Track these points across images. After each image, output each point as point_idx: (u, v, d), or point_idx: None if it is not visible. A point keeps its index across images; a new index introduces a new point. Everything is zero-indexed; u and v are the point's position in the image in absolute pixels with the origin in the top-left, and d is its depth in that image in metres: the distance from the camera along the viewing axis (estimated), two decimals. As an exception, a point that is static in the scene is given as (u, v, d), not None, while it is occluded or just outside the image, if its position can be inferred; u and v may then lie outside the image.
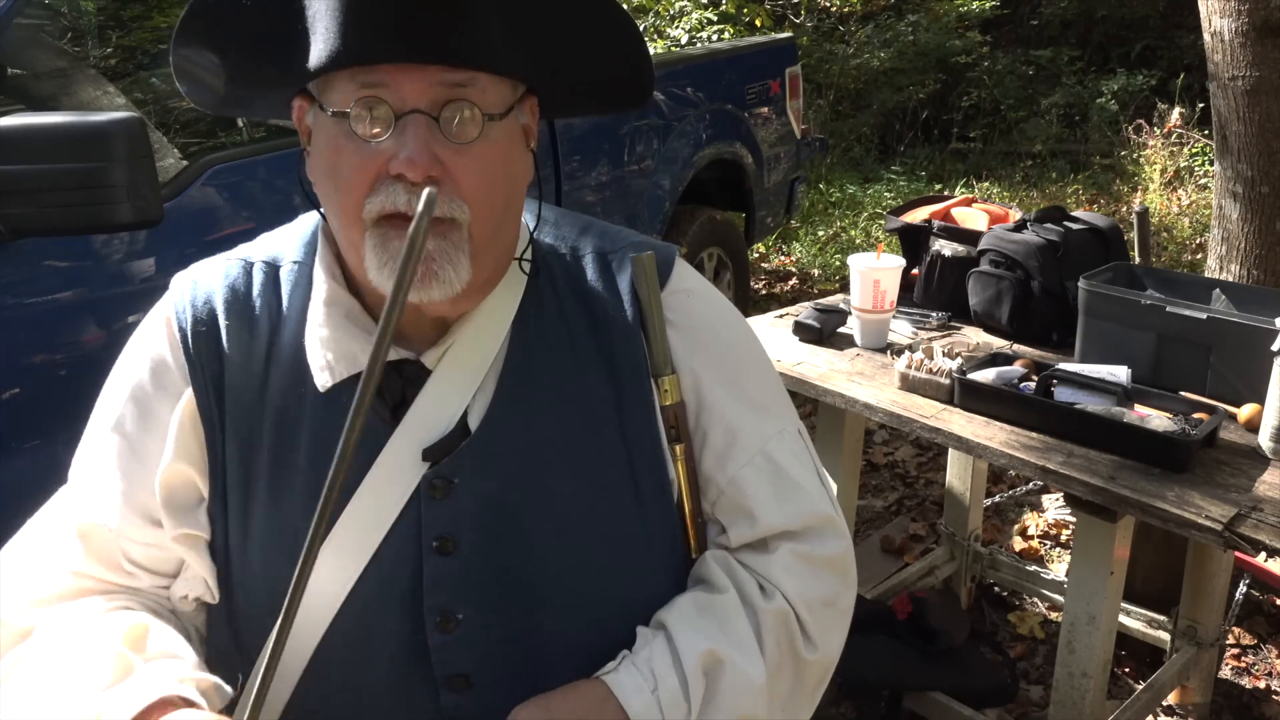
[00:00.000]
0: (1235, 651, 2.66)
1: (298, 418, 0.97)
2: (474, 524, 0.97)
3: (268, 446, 0.97)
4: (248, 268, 1.03)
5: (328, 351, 0.97)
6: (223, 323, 1.00)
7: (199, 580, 1.00)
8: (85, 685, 0.87)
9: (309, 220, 1.07)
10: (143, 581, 1.00)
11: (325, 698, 0.97)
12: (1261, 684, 2.56)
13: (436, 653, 0.95)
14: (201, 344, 0.99)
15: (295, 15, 0.87)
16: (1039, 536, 3.28)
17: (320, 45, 0.85)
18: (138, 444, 0.99)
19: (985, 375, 1.99)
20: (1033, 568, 2.79)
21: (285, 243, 1.06)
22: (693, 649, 0.95)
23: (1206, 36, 2.65)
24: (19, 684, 0.90)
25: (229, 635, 1.00)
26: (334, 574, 0.96)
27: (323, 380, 0.96)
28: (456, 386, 0.98)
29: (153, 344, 1.01)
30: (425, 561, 0.96)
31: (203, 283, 1.03)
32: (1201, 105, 6.74)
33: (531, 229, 1.06)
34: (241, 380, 0.98)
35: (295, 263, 1.03)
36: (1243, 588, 2.58)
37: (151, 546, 0.99)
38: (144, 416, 0.99)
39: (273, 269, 1.03)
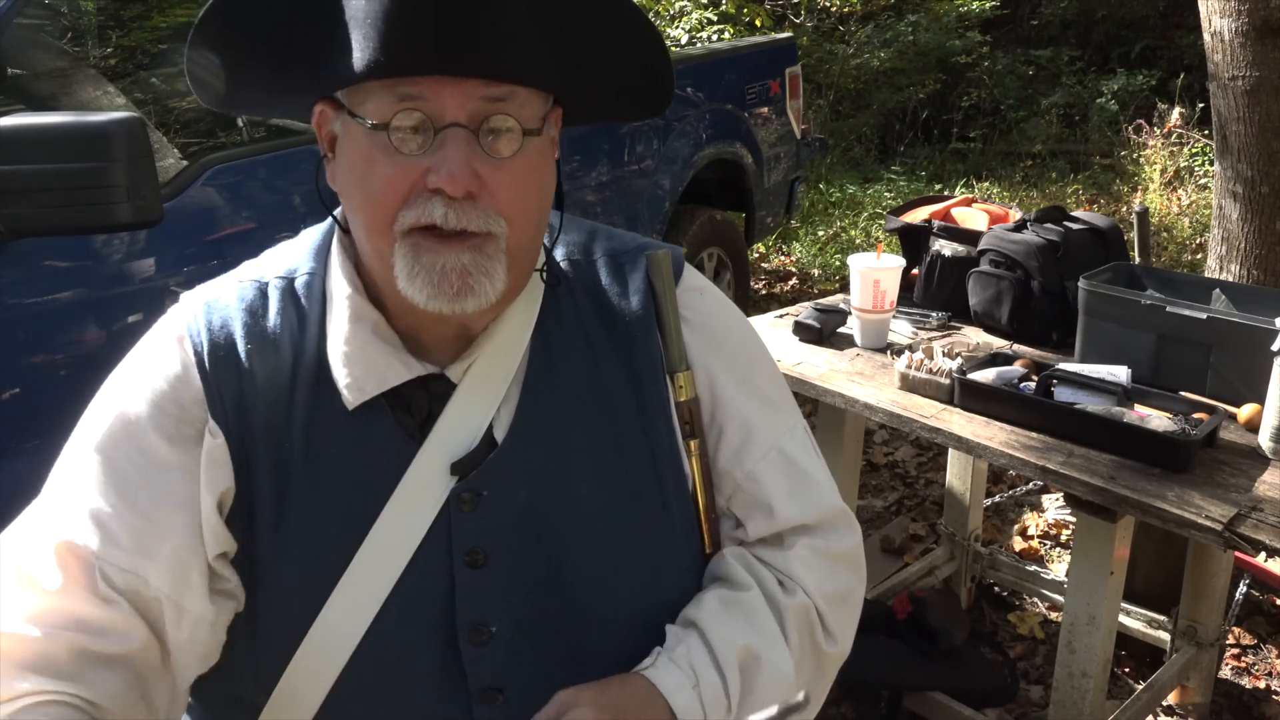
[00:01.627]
0: (1235, 651, 2.66)
1: (327, 434, 0.95)
2: (504, 535, 0.96)
3: (299, 466, 0.95)
4: (261, 288, 0.99)
5: (355, 368, 0.94)
6: (243, 348, 0.96)
7: (204, 620, 0.92)
8: None
9: (314, 232, 1.05)
10: (119, 613, 0.88)
11: (356, 715, 0.96)
12: (1261, 684, 2.56)
13: (471, 667, 0.94)
14: (220, 371, 0.95)
15: (330, 20, 0.85)
16: (1039, 536, 3.28)
17: (360, 54, 0.84)
18: (134, 469, 0.91)
19: (985, 375, 1.99)
20: (1033, 568, 2.79)
21: (295, 255, 1.03)
22: (729, 646, 0.96)
23: (1206, 36, 2.65)
24: None
25: (247, 653, 0.97)
26: (364, 591, 0.94)
27: (351, 398, 0.95)
28: (482, 399, 0.97)
29: (163, 365, 0.95)
30: (457, 575, 0.96)
31: (217, 307, 0.97)
32: (1201, 105, 6.74)
33: (547, 241, 1.05)
34: (268, 402, 0.95)
35: (308, 274, 1.00)
36: (1243, 588, 2.58)
37: (129, 573, 0.89)
38: (145, 444, 0.92)
39: (288, 284, 1.00)
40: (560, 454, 0.98)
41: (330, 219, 1.02)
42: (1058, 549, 3.22)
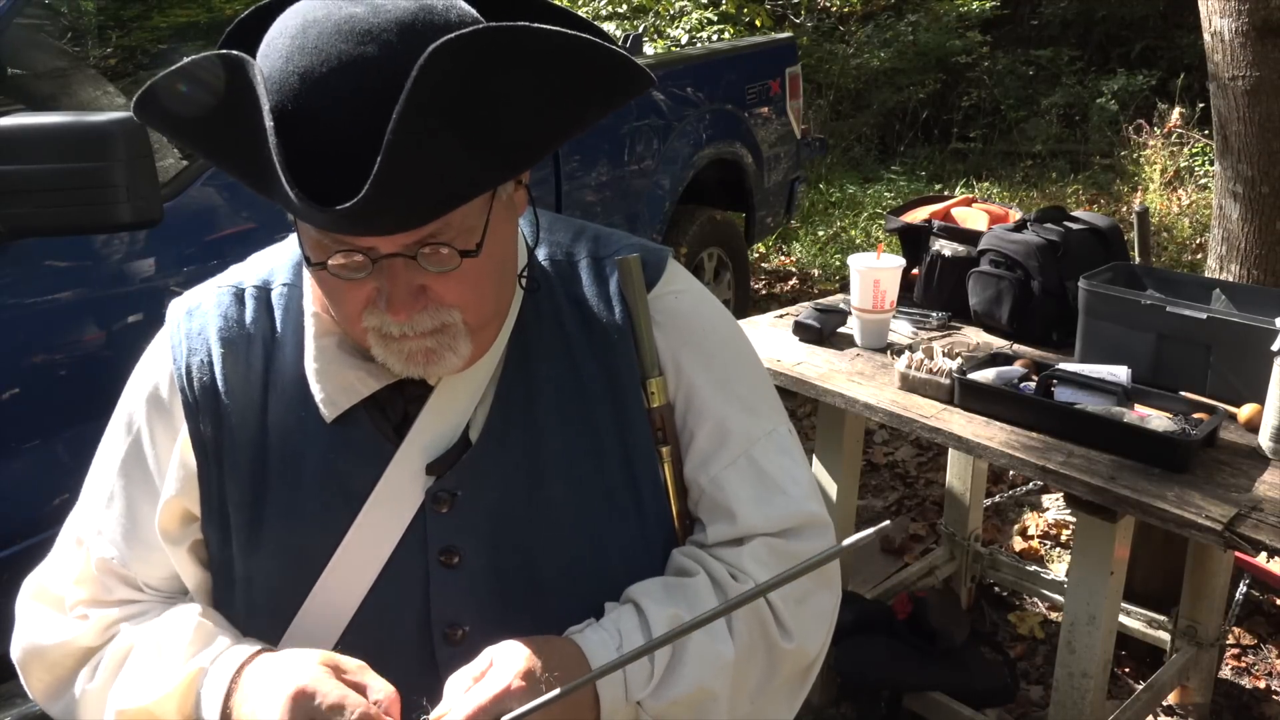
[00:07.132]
0: (1235, 651, 2.66)
1: (302, 443, 0.97)
2: (478, 535, 0.97)
3: (275, 471, 0.98)
4: (239, 294, 1.03)
5: (326, 383, 0.97)
6: (217, 354, 1.00)
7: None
8: (181, 652, 0.95)
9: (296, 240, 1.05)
10: (160, 598, 1.04)
11: None
12: (1261, 684, 2.56)
13: (445, 666, 0.94)
14: (196, 379, 0.99)
15: (263, 159, 0.78)
16: (1039, 536, 3.28)
17: (285, 203, 0.80)
18: (140, 479, 1.01)
19: (985, 375, 1.99)
20: (1033, 568, 2.79)
21: (275, 263, 1.05)
22: (661, 615, 0.95)
23: (1206, 36, 2.65)
24: (121, 675, 0.97)
25: None
26: (343, 590, 0.96)
27: (327, 413, 0.97)
28: (458, 400, 0.98)
29: (152, 378, 1.03)
30: (431, 575, 0.97)
31: (197, 314, 1.02)
32: (1201, 105, 6.74)
33: (530, 241, 1.05)
34: (241, 408, 0.98)
35: (285, 285, 1.03)
36: (1243, 588, 2.58)
37: (157, 567, 1.02)
38: (144, 452, 1.01)
39: (264, 293, 1.03)
40: (534, 454, 0.99)
41: None
42: (1058, 549, 3.22)
